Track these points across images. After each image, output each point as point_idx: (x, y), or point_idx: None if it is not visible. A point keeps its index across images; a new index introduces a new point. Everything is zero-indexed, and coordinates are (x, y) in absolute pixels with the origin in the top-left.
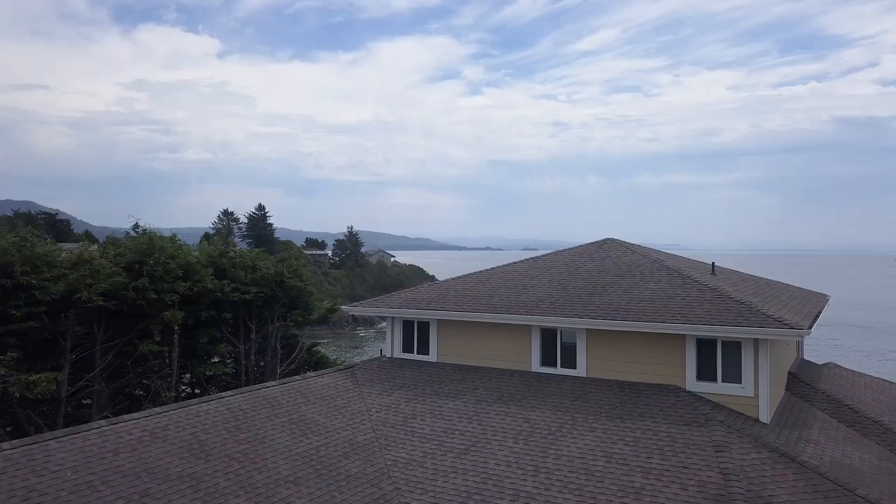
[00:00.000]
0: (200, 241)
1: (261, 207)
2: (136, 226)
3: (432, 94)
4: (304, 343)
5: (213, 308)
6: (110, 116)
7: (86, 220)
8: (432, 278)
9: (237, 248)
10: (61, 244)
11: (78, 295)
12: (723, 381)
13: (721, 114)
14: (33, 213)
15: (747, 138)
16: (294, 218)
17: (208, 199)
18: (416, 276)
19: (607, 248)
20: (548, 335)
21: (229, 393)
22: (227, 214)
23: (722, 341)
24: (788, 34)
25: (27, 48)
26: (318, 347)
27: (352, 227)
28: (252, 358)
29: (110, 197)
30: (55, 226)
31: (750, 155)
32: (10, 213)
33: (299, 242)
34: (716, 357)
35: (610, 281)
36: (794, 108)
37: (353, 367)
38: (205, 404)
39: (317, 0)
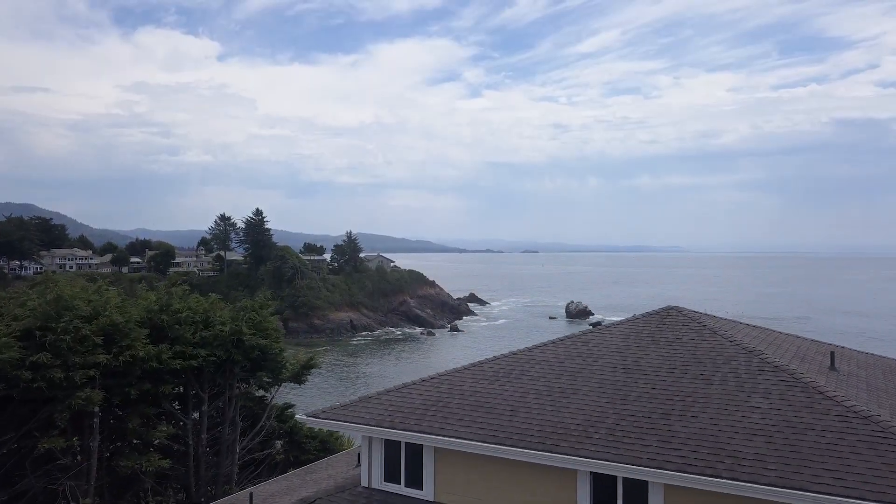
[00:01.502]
0: (198, 245)
1: (258, 212)
2: (46, 282)
3: (432, 96)
4: (272, 409)
5: (147, 380)
6: (110, 118)
7: (86, 223)
8: (432, 283)
9: (189, 293)
10: (55, 250)
11: None
12: None
13: (721, 115)
14: (26, 217)
15: (747, 140)
16: (294, 220)
17: (208, 201)
18: (416, 281)
19: (672, 324)
20: (602, 480)
21: None
22: (224, 219)
23: None
24: (788, 36)
25: (27, 50)
26: (292, 410)
27: (350, 232)
28: (203, 437)
29: (110, 199)
30: (50, 230)
31: (750, 156)
32: (7, 217)
33: (299, 245)
34: None
35: (691, 388)
36: (794, 110)
37: None
38: None
39: (316, 2)
